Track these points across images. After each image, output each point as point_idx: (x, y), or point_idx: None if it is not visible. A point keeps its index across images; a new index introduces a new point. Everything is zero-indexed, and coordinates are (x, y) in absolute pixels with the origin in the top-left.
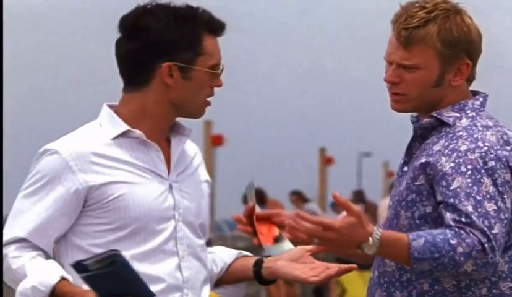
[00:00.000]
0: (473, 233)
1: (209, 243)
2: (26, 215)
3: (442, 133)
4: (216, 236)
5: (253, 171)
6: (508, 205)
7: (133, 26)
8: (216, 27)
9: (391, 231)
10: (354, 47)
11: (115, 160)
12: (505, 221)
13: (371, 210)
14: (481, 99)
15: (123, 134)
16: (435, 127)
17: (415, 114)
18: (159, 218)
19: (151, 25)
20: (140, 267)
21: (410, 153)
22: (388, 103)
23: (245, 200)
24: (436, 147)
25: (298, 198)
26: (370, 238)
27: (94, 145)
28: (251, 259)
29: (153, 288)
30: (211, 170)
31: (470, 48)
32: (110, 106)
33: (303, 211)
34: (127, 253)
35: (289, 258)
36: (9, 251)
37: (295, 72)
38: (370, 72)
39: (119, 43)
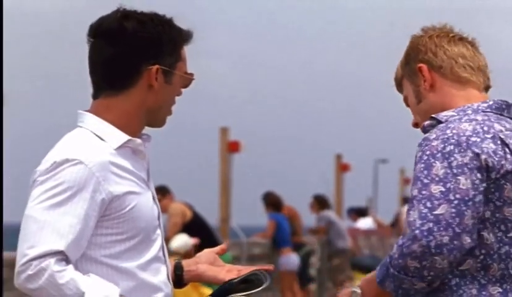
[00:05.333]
0: (405, 231)
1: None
2: (59, 227)
3: None
4: (231, 243)
5: (269, 177)
6: (463, 186)
7: (117, 31)
8: (189, 36)
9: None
10: (372, 54)
11: (125, 170)
12: (455, 202)
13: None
14: (490, 102)
15: (123, 143)
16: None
17: None
18: (154, 227)
19: (138, 29)
20: (145, 276)
21: None
22: (404, 109)
23: (266, 204)
24: None
25: (315, 203)
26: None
27: (107, 155)
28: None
29: None
30: (227, 177)
31: (418, 54)
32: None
33: (319, 218)
34: (134, 263)
35: (207, 261)
36: (49, 265)
37: (312, 79)
38: (386, 79)
39: (98, 48)
